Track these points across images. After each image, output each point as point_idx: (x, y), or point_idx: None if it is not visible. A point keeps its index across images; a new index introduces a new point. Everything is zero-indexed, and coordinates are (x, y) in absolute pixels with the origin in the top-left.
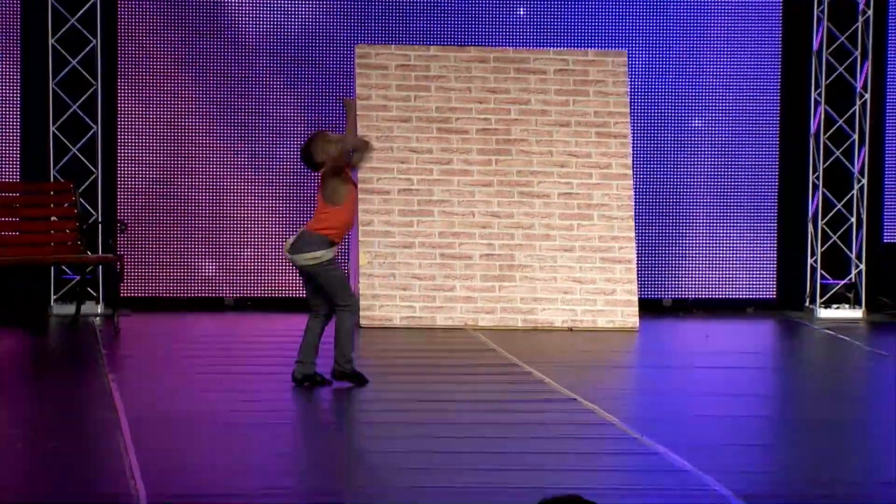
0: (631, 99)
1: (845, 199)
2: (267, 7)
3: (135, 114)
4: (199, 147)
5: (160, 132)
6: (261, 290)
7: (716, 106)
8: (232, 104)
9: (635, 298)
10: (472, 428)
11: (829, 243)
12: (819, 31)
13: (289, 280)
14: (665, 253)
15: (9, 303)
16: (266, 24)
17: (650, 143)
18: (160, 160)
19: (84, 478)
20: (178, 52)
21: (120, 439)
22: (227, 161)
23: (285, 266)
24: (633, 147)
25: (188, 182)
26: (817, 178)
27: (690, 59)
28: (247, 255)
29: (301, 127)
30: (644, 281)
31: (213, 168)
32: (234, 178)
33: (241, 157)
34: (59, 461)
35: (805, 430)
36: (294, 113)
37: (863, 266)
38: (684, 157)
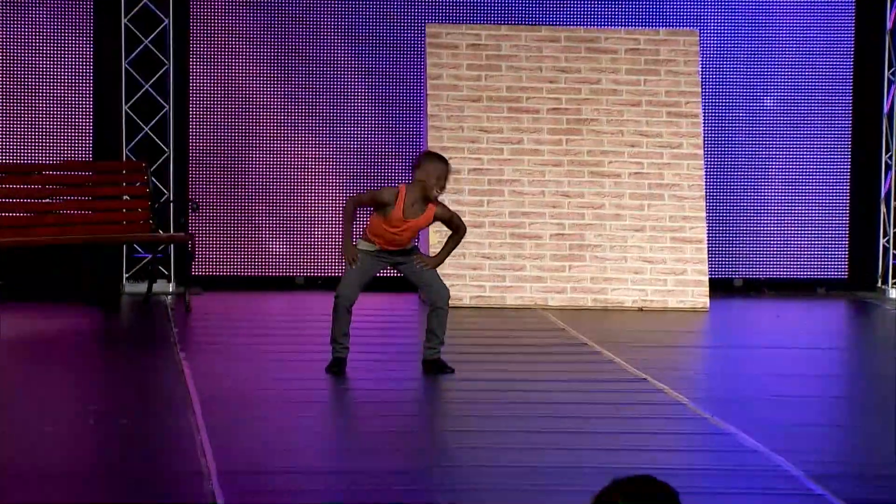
0: (702, 78)
1: None
2: None
3: (206, 93)
4: (270, 126)
5: (231, 111)
6: (331, 269)
7: (787, 85)
8: (302, 83)
9: (706, 278)
10: (541, 408)
11: None
12: (893, 9)
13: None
14: (735, 233)
15: (81, 281)
16: (337, 3)
17: (721, 123)
18: (231, 139)
19: (155, 454)
20: (249, 32)
21: (191, 417)
22: (297, 139)
23: None
24: (703, 127)
25: (259, 161)
26: (890, 157)
27: (762, 38)
28: (317, 234)
29: (371, 106)
30: (714, 261)
31: (284, 147)
32: (304, 157)
33: (311, 136)
34: (131, 437)
35: (878, 412)
36: (364, 92)
37: None
38: (755, 137)
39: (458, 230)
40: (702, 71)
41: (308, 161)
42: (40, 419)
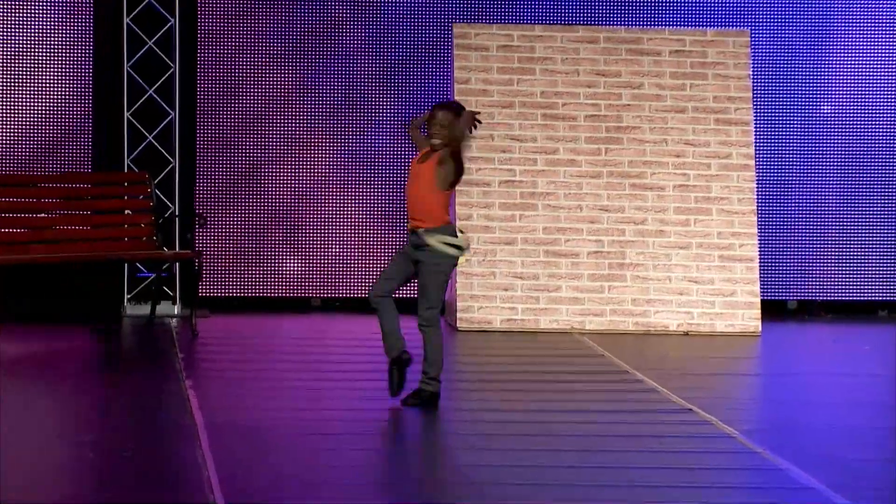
0: (753, 83)
1: None
2: None
3: (215, 99)
4: (284, 135)
5: (242, 118)
6: (350, 289)
7: (846, 90)
8: (320, 89)
9: (757, 300)
10: (579, 441)
11: None
12: None
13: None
14: (789, 250)
15: (80, 303)
16: (357, 2)
17: (774, 131)
18: (242, 149)
19: (159, 488)
20: (262, 32)
21: (197, 449)
22: (314, 151)
23: (375, 264)
24: (755, 135)
25: (272, 173)
26: None
27: (818, 39)
28: (335, 252)
29: (395, 114)
30: (767, 281)
31: (299, 158)
32: (321, 170)
33: (329, 147)
34: (132, 469)
35: None
36: (387, 99)
37: None
38: (811, 146)
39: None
40: (753, 74)
41: (325, 173)
42: (35, 450)
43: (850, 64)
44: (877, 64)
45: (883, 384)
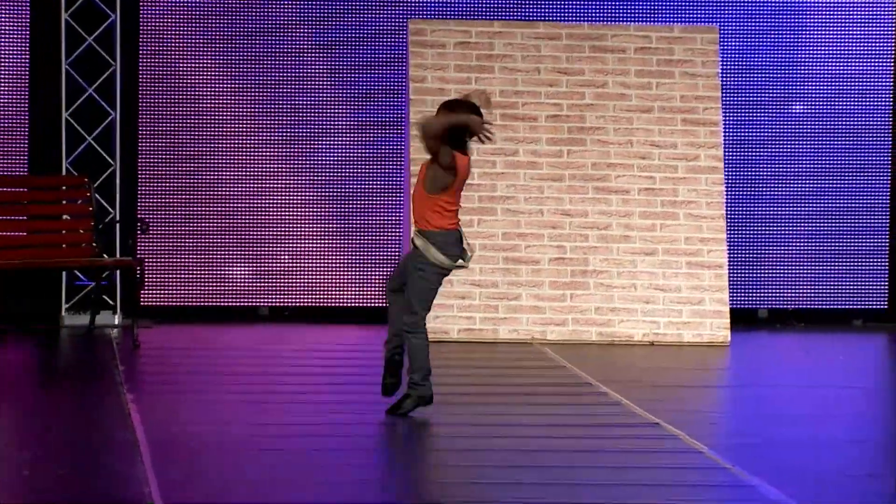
0: (723, 81)
1: None
2: None
3: (158, 98)
4: (230, 136)
5: (187, 119)
6: (300, 298)
7: (819, 88)
8: (269, 88)
9: (726, 309)
10: (539, 457)
11: None
12: None
13: (331, 288)
14: (760, 257)
15: (16, 312)
16: None
17: (744, 132)
18: (186, 151)
19: None
20: (209, 29)
21: (138, 465)
22: (263, 153)
23: (326, 271)
24: (724, 136)
25: (218, 177)
26: None
27: (790, 36)
28: (284, 259)
29: (347, 115)
30: (736, 289)
31: (246, 160)
32: (271, 172)
33: (278, 148)
34: (69, 490)
35: None
36: (338, 98)
37: None
38: (783, 148)
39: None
40: (722, 73)
41: (274, 176)
42: None
43: (823, 61)
44: (850, 62)
45: (857, 396)
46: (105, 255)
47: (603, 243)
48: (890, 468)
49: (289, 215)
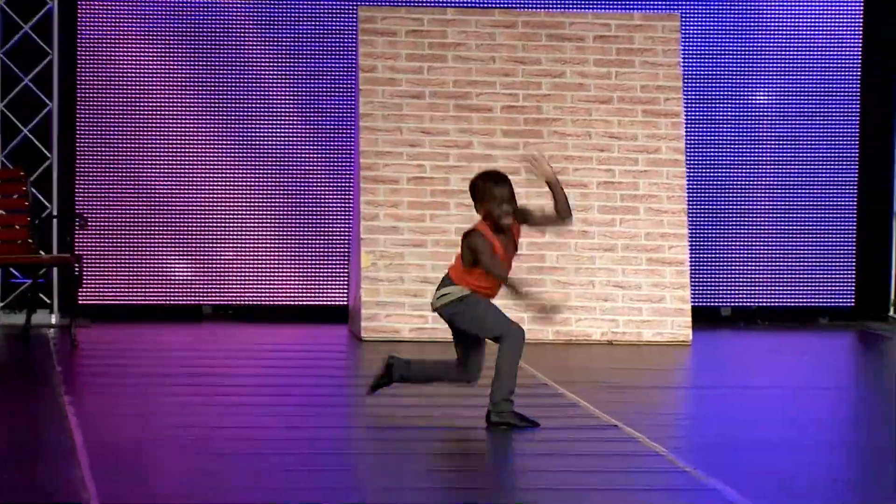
0: (684, 71)
1: None
2: None
3: (97, 89)
4: (172, 129)
5: (127, 111)
6: (244, 297)
7: (784, 77)
8: (213, 78)
9: (688, 307)
10: (493, 460)
11: None
12: None
13: (277, 285)
14: (723, 253)
15: None
16: None
17: (706, 124)
18: (127, 144)
19: None
20: (150, 17)
21: (76, 470)
22: (205, 146)
23: (271, 268)
24: (686, 128)
25: (159, 170)
26: None
27: (753, 25)
28: (228, 256)
29: (293, 106)
30: (698, 286)
31: (188, 154)
32: (214, 166)
33: (223, 141)
34: (3, 497)
35: (890, 461)
36: (285, 89)
37: None
38: (746, 139)
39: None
40: (683, 62)
41: (218, 169)
42: None
43: (789, 50)
44: (817, 51)
45: (822, 397)
46: (42, 252)
47: (560, 239)
48: (856, 472)
49: (233, 210)
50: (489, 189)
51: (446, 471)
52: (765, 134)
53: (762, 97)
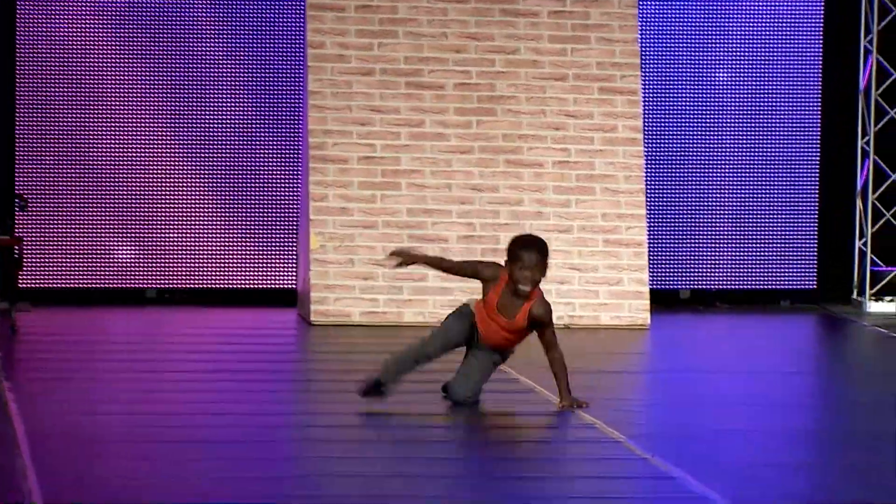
0: (642, 47)
1: None
2: None
3: (37, 66)
4: (115, 107)
5: (68, 89)
6: (189, 280)
7: (744, 55)
8: (157, 58)
9: (646, 289)
10: (446, 448)
11: (881, 222)
12: None
13: (223, 268)
14: (682, 235)
15: None
16: None
17: (664, 102)
18: (68, 123)
19: None
20: None
21: (17, 459)
22: (149, 126)
23: (217, 251)
24: (643, 106)
25: (102, 150)
26: (867, 142)
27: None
28: (173, 238)
29: (239, 85)
30: (657, 269)
31: (132, 134)
32: (157, 147)
33: (167, 121)
34: None
35: (852, 447)
36: (230, 66)
37: None
38: (705, 118)
39: (550, 348)
40: (641, 38)
41: (162, 149)
42: None
43: (750, 25)
44: (778, 26)
45: (783, 381)
46: None
47: (514, 220)
48: (819, 458)
49: (178, 191)
50: (524, 253)
51: (389, 459)
52: (726, 112)
53: (723, 74)
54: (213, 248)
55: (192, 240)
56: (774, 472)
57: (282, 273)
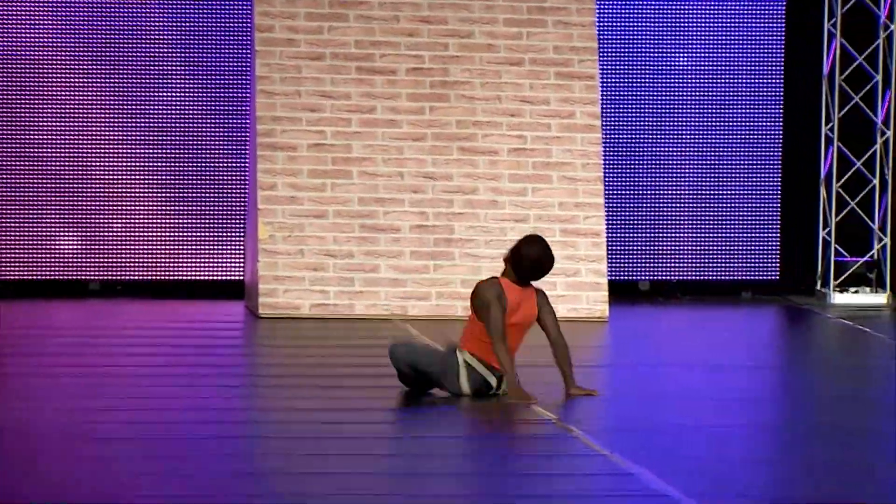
0: (599, 31)
1: (866, 157)
2: None
3: None
4: (55, 93)
5: (7, 74)
6: (134, 272)
7: (705, 39)
8: (100, 41)
9: (605, 281)
10: (400, 444)
11: (845, 211)
12: None
13: (169, 260)
14: (641, 224)
15: None
16: None
17: (623, 87)
18: (6, 109)
19: None
20: None
21: None
22: (94, 112)
23: (162, 242)
24: (601, 92)
25: (43, 138)
26: (831, 129)
27: None
28: (116, 229)
29: (184, 69)
30: (616, 259)
31: (76, 121)
32: (102, 133)
33: (111, 108)
34: None
35: (814, 441)
36: (177, 53)
37: (887, 240)
38: (665, 104)
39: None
40: (599, 22)
41: (106, 137)
42: None
43: (711, 8)
44: (737, 11)
45: (744, 376)
46: None
47: (469, 209)
48: (780, 453)
49: (122, 181)
50: (524, 250)
51: (339, 455)
52: (686, 99)
53: (684, 59)
54: (158, 238)
55: (137, 230)
56: (736, 467)
57: (229, 264)
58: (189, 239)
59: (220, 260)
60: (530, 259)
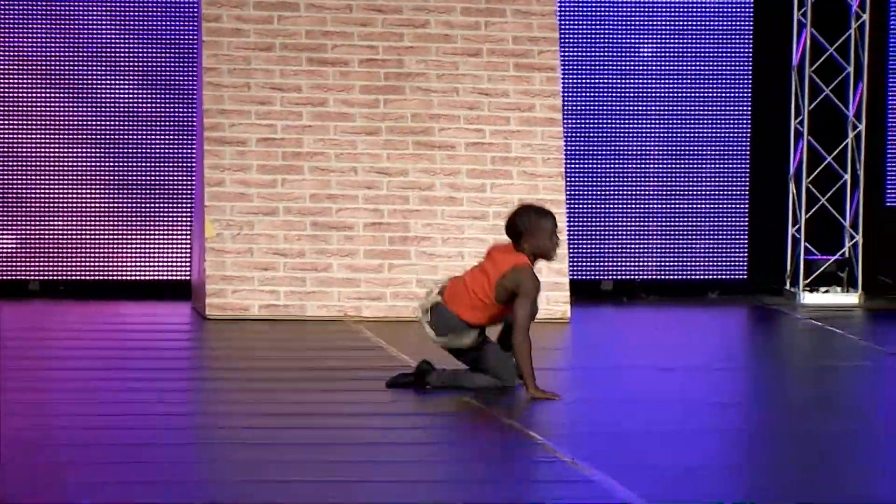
0: (561, 21)
1: (837, 151)
2: None
3: None
4: None
5: None
6: (76, 271)
7: (670, 29)
8: (41, 32)
9: (566, 280)
10: (348, 451)
11: (816, 208)
12: None
13: (112, 259)
14: (604, 222)
15: None
16: None
17: (585, 79)
18: None
19: None
20: None
21: None
22: (34, 104)
23: (107, 240)
24: (562, 84)
25: None
26: (801, 122)
27: None
28: (57, 227)
29: (128, 60)
30: (577, 258)
31: (14, 112)
32: (43, 126)
33: (53, 100)
34: None
35: (783, 447)
36: (120, 43)
37: (859, 237)
38: (631, 98)
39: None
40: (560, 11)
41: (47, 130)
42: None
43: None
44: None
45: (711, 378)
46: None
47: (426, 206)
48: (748, 459)
49: (62, 176)
50: (538, 222)
51: (288, 462)
52: (651, 92)
53: (649, 50)
54: (101, 236)
55: (78, 228)
56: (702, 473)
57: (175, 264)
58: (133, 237)
59: (165, 259)
60: (547, 230)
